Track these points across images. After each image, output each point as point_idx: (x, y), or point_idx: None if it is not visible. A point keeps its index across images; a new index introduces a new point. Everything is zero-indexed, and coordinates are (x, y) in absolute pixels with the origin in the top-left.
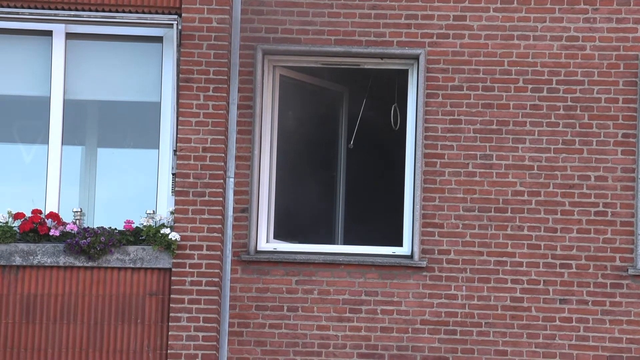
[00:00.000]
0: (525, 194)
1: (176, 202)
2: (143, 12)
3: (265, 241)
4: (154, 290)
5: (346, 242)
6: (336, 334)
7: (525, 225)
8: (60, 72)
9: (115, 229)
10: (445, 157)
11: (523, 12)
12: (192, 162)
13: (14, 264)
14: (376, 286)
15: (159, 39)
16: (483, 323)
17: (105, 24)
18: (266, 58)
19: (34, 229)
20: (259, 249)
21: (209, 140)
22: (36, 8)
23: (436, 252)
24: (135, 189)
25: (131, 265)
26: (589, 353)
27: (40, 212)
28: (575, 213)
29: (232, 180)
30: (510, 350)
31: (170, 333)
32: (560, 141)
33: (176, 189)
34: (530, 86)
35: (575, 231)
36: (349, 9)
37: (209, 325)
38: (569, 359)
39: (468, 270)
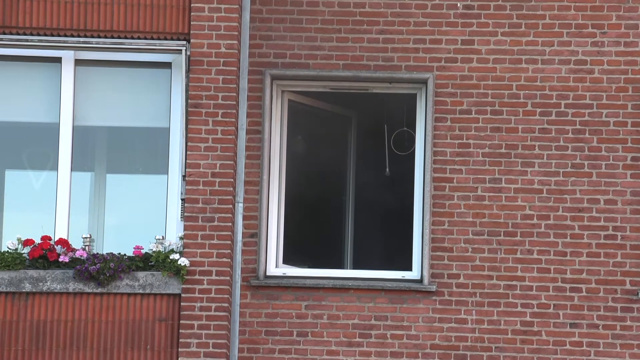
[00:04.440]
0: (535, 218)
1: (185, 228)
2: (152, 39)
3: (275, 266)
4: (163, 316)
5: (355, 266)
6: (346, 359)
7: (535, 249)
8: (70, 99)
9: (125, 254)
10: (454, 181)
11: (531, 36)
12: (201, 187)
13: (24, 290)
14: (386, 311)
15: (167, 65)
16: (493, 347)
17: (114, 50)
18: (275, 83)
19: (44, 255)
20: (268, 274)
21: (218, 165)
22: (45, 35)
23: (446, 276)
24: (145, 214)
25: (140, 291)
26: None
27: (50, 239)
28: (584, 237)
29: (241, 205)
30: None
31: (179, 359)
32: (569, 165)
33: (185, 214)
34: (538, 110)
35: (585, 255)
36: (357, 33)
37: (219, 350)
38: None
39: (478, 294)
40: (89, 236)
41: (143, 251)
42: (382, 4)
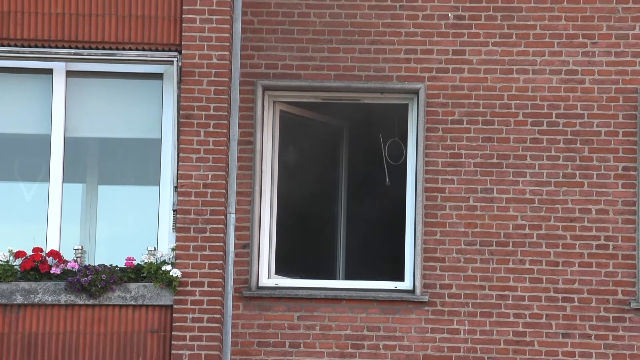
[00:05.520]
0: (527, 228)
1: (177, 239)
2: (143, 50)
3: (267, 277)
4: (155, 327)
5: (348, 277)
6: None
7: (527, 259)
8: (61, 110)
9: (117, 266)
10: (446, 191)
11: (522, 47)
12: (193, 198)
13: (15, 302)
14: (378, 321)
15: (159, 76)
16: (486, 358)
17: (105, 61)
18: (266, 94)
19: (35, 267)
20: (260, 284)
21: (209, 176)
22: (37, 47)
23: (438, 286)
24: (136, 226)
25: (132, 303)
26: None
27: (41, 250)
28: (576, 246)
29: (233, 216)
30: None
31: None
32: (561, 174)
33: (177, 225)
34: (530, 120)
35: (577, 265)
36: (348, 44)
37: None
38: None
39: (470, 304)
40: (80, 248)
41: (135, 262)
42: (374, 14)
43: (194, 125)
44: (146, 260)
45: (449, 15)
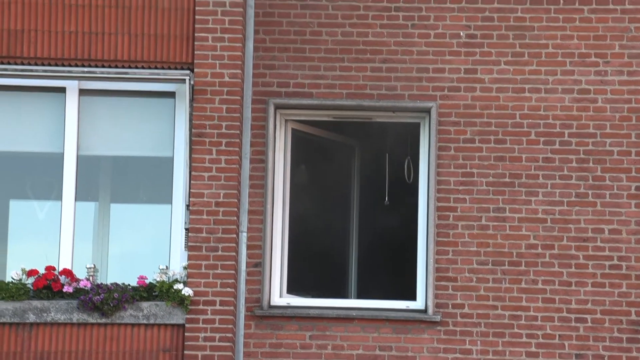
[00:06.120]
0: (539, 247)
1: (189, 257)
2: (155, 68)
3: (279, 296)
4: (167, 346)
5: (360, 296)
6: None
7: (540, 279)
8: (74, 128)
9: (129, 285)
10: (458, 210)
11: (534, 65)
12: (205, 217)
13: (28, 321)
14: (390, 341)
15: (171, 94)
16: None
17: (118, 80)
18: (278, 112)
19: (48, 285)
20: (272, 303)
21: (221, 194)
22: (50, 65)
23: (450, 306)
24: (149, 244)
25: (144, 322)
26: None
27: (54, 269)
28: (589, 266)
29: (245, 234)
30: None
31: None
32: (574, 194)
33: (189, 244)
34: (542, 139)
35: (590, 285)
36: (360, 62)
37: None
38: None
39: (482, 324)
40: (92, 266)
41: (147, 281)
42: (385, 33)
43: (206, 144)
44: (158, 279)
45: (461, 34)
